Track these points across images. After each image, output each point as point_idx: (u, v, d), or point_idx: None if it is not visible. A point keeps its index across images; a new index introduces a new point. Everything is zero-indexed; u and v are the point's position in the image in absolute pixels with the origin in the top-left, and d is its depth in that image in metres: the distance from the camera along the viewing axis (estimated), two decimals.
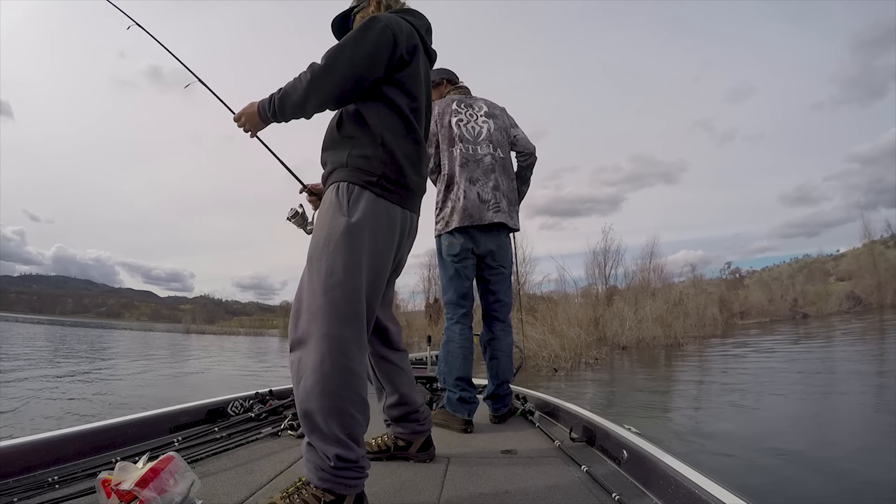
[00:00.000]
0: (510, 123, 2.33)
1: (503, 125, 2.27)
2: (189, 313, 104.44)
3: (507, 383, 2.16)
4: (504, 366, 2.16)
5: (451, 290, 2.14)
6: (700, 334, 13.81)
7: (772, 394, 5.02)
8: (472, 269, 2.16)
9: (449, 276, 2.14)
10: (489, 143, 2.18)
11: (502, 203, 2.14)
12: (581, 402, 1.82)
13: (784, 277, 28.42)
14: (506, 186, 2.19)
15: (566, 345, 9.80)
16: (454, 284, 2.14)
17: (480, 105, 2.27)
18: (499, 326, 2.19)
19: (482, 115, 2.23)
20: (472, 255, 2.14)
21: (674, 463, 1.15)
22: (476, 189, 2.11)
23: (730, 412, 4.37)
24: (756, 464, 2.85)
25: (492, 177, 2.14)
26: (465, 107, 2.23)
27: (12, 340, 17.21)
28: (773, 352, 9.19)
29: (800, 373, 6.31)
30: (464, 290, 2.14)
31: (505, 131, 2.27)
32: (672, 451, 1.24)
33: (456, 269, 2.12)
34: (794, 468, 2.75)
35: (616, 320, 12.76)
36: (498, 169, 2.17)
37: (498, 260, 2.16)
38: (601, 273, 17.46)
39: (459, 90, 2.33)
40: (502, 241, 2.18)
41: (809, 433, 3.62)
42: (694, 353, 10.24)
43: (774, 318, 18.67)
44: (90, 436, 1.40)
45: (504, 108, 2.35)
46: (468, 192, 2.10)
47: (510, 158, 2.29)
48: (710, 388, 5.82)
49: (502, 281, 2.19)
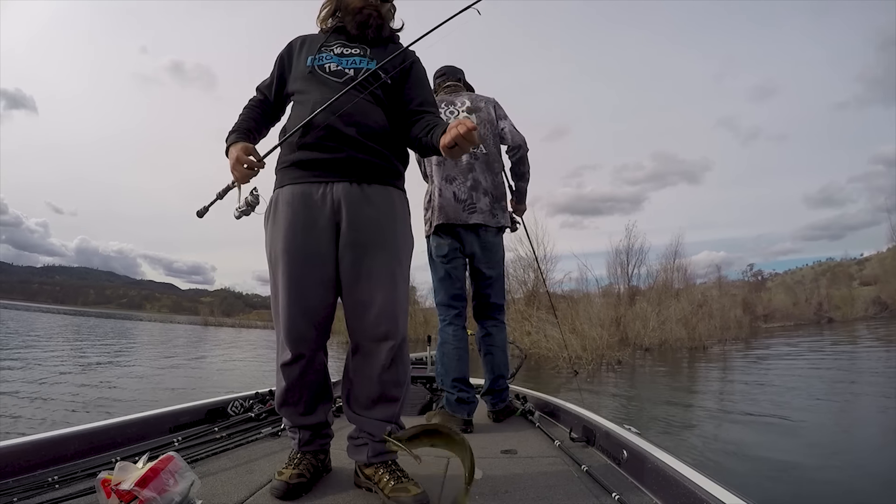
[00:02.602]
0: (498, 116, 2.25)
1: (488, 118, 2.21)
2: (208, 306, 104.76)
3: (503, 378, 2.16)
4: (498, 360, 2.16)
5: (442, 292, 2.15)
6: (724, 337, 13.52)
7: (809, 408, 4.48)
8: (461, 269, 2.17)
9: (439, 278, 2.14)
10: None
11: (481, 202, 2.10)
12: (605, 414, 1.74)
13: (807, 281, 28.22)
14: (488, 183, 2.14)
15: (588, 345, 9.44)
16: (444, 286, 2.14)
17: (463, 100, 2.23)
18: (491, 323, 2.20)
19: (463, 111, 2.19)
20: (460, 255, 2.15)
21: (674, 463, 1.15)
22: (452, 188, 2.10)
23: (768, 428, 3.83)
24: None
25: (469, 176, 2.12)
26: (445, 105, 2.21)
27: (35, 331, 17.12)
28: (802, 357, 8.71)
29: (838, 382, 5.85)
30: (454, 292, 2.14)
31: (490, 124, 2.21)
32: (672, 451, 1.24)
33: (446, 271, 2.13)
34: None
35: (638, 321, 12.38)
36: (478, 167, 2.14)
37: (486, 259, 2.16)
38: (623, 272, 16.61)
39: (447, 89, 2.31)
40: (489, 240, 2.15)
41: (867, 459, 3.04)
42: (721, 358, 9.80)
43: (799, 322, 18.38)
44: (90, 436, 1.40)
45: (493, 100, 2.28)
46: (444, 190, 2.10)
47: (496, 153, 2.22)
48: (744, 399, 5.11)
49: (491, 279, 2.18)
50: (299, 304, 1.21)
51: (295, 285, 1.20)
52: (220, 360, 11.34)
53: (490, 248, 2.16)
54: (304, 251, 1.21)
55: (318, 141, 1.23)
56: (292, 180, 1.25)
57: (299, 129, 1.24)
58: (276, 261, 1.23)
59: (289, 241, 1.21)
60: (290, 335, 1.21)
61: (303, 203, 1.22)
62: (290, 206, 1.23)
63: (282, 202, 1.25)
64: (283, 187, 1.26)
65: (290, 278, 1.20)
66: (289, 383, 1.25)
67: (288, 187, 1.25)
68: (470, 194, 2.10)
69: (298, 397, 1.27)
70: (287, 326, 1.21)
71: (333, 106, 1.21)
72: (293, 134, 1.25)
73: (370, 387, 1.24)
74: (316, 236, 1.21)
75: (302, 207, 1.22)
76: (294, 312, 1.21)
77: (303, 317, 1.21)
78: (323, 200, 1.22)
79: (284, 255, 1.21)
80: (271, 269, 1.26)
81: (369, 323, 1.22)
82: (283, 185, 1.26)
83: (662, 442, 1.48)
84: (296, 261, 1.21)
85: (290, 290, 1.20)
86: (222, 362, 10.72)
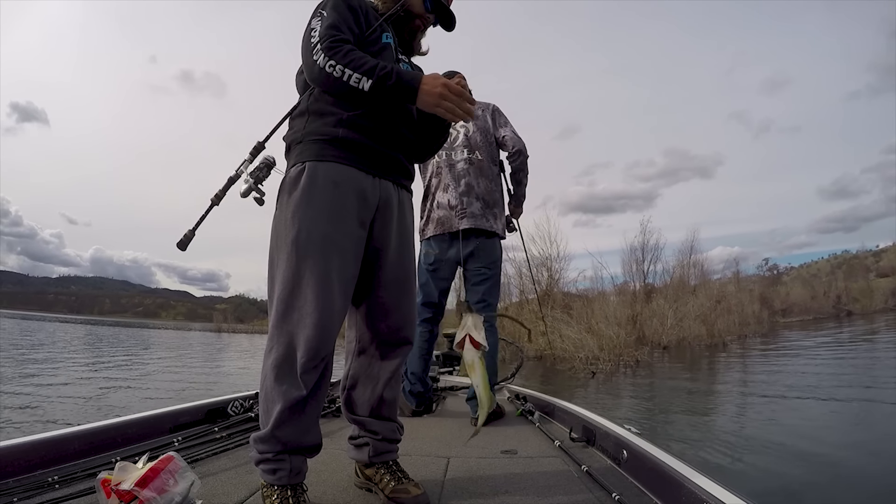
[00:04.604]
0: (497, 123, 2.29)
1: (483, 126, 2.27)
2: (222, 312, 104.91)
3: (490, 385, 2.17)
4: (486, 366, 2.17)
5: (421, 296, 2.27)
6: (743, 333, 13.25)
7: (843, 410, 4.12)
8: (444, 280, 2.25)
9: (421, 283, 2.25)
10: (465, 148, 2.23)
11: (472, 206, 2.16)
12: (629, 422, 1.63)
13: (823, 274, 28.07)
14: (481, 188, 2.20)
15: (604, 345, 9.12)
16: (424, 290, 2.26)
17: None
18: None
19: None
20: (447, 266, 2.23)
21: (674, 463, 1.15)
22: (447, 196, 2.18)
23: (805, 435, 3.41)
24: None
25: (462, 182, 2.19)
26: None
27: (62, 341, 17.09)
28: (827, 353, 8.36)
29: (871, 379, 5.41)
30: (429, 298, 2.26)
31: (486, 132, 2.26)
32: (672, 450, 1.24)
33: (427, 278, 2.24)
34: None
35: (655, 318, 12.11)
36: (473, 172, 2.20)
37: (478, 262, 2.20)
38: (639, 268, 16.12)
39: None
40: (481, 242, 2.20)
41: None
42: (742, 355, 9.53)
43: (818, 316, 18.10)
44: (90, 436, 1.40)
45: (491, 106, 2.31)
46: (440, 200, 2.19)
47: (490, 159, 2.26)
48: (776, 402, 4.59)
49: (484, 282, 2.21)
50: (338, 301, 1.06)
51: (338, 277, 1.06)
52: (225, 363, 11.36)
53: (481, 251, 2.19)
54: (348, 241, 1.08)
55: (376, 127, 1.13)
56: (338, 159, 1.09)
57: (368, 106, 1.10)
58: (307, 245, 1.04)
59: (335, 227, 1.06)
60: (325, 333, 1.03)
61: (353, 189, 1.09)
62: (338, 188, 1.07)
63: (325, 179, 1.07)
64: (326, 162, 1.09)
65: (334, 269, 1.05)
66: (310, 392, 1.05)
67: (333, 164, 1.09)
68: (461, 199, 2.16)
69: (311, 410, 1.08)
70: (323, 323, 1.02)
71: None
72: (357, 107, 1.11)
73: (375, 389, 1.22)
74: (358, 230, 1.10)
75: (352, 194, 1.09)
76: (332, 307, 1.04)
77: (338, 314, 1.06)
78: (373, 193, 1.12)
79: (324, 242, 1.05)
80: (293, 251, 1.05)
81: (389, 327, 1.20)
82: (325, 160, 1.09)
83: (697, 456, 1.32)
84: (338, 251, 1.06)
85: (332, 281, 1.04)
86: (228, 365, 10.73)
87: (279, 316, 1.05)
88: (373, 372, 1.22)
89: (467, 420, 2.13)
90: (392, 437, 1.25)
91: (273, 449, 1.05)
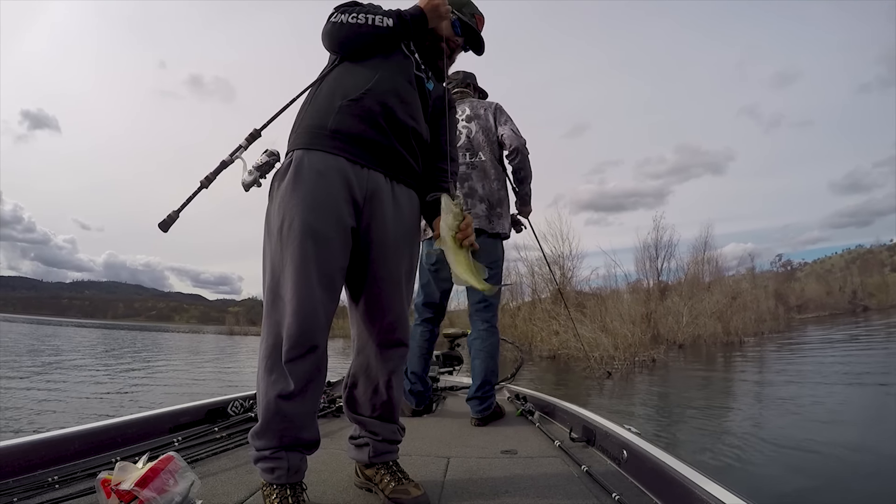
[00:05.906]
0: (498, 122, 2.28)
1: (486, 126, 2.26)
2: (235, 315, 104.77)
3: (489, 385, 2.15)
4: (486, 366, 2.16)
5: (422, 296, 2.28)
6: (760, 330, 13.03)
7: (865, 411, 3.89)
8: (446, 280, 2.23)
9: (422, 283, 2.26)
10: (467, 151, 2.23)
11: (476, 209, 2.17)
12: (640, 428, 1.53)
13: (837, 269, 27.90)
14: (485, 190, 2.20)
15: (619, 344, 8.89)
16: (425, 291, 2.28)
17: (464, 108, 2.28)
18: (482, 326, 2.22)
19: (462, 121, 2.26)
20: (448, 266, 2.20)
21: (674, 463, 1.15)
22: None
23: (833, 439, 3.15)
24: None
25: (465, 184, 2.20)
26: None
27: (82, 345, 16.89)
28: (850, 349, 8.09)
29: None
30: (431, 298, 2.27)
31: (488, 131, 2.26)
32: (672, 451, 1.24)
33: (429, 278, 2.25)
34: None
35: (670, 316, 11.88)
36: (475, 175, 2.21)
37: (479, 262, 2.19)
38: (652, 265, 15.90)
39: (455, 96, 2.33)
40: (482, 243, 2.18)
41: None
42: (760, 353, 9.30)
43: (834, 312, 17.85)
44: (90, 436, 1.40)
45: (494, 105, 2.30)
46: None
47: (493, 160, 2.26)
48: (805, 407, 4.17)
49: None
50: (320, 288, 1.04)
51: (318, 265, 1.04)
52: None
53: (482, 251, 2.18)
54: (331, 231, 1.07)
55: (369, 115, 1.12)
56: (325, 148, 1.10)
57: (359, 92, 1.12)
58: (288, 234, 1.04)
59: (316, 215, 1.05)
60: (305, 321, 1.02)
61: (339, 178, 1.08)
62: (322, 177, 1.07)
63: (310, 168, 1.08)
64: (313, 151, 1.10)
65: (312, 257, 1.04)
66: (298, 384, 1.02)
67: (319, 153, 1.09)
68: (465, 202, 2.15)
69: (302, 402, 1.05)
70: (302, 310, 1.01)
71: (399, 89, 1.16)
72: (346, 95, 1.12)
73: (377, 389, 1.22)
74: (344, 219, 1.09)
75: (337, 183, 1.08)
76: (312, 295, 1.03)
77: (321, 303, 1.05)
78: (359, 184, 1.11)
79: (307, 228, 1.04)
80: (278, 241, 1.06)
81: (384, 328, 1.19)
82: (312, 149, 1.10)
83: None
84: (321, 239, 1.05)
85: (310, 269, 1.03)
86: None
87: (268, 306, 1.07)
88: (371, 372, 1.22)
89: (467, 420, 2.13)
90: (392, 438, 1.24)
91: (269, 444, 1.04)
